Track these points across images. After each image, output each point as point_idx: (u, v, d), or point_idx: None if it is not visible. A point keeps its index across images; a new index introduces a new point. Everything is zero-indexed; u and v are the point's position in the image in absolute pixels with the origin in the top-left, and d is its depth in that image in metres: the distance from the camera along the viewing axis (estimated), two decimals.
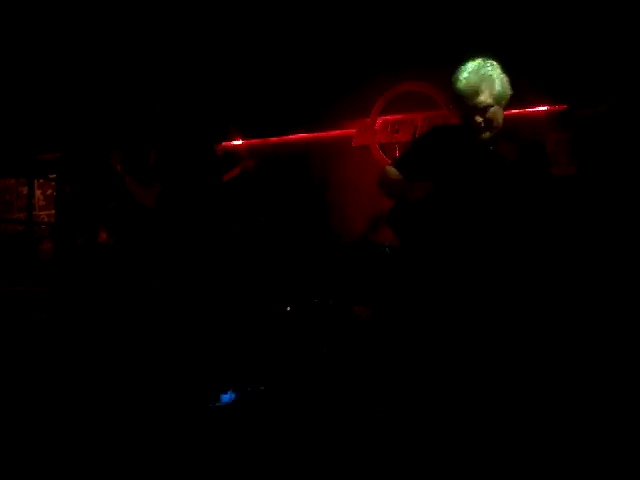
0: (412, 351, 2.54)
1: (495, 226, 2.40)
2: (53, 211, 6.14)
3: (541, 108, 3.86)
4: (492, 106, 2.38)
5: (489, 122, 2.40)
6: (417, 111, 4.44)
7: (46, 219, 6.38)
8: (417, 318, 2.51)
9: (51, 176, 6.22)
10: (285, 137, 4.89)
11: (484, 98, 2.36)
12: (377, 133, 4.54)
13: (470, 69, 2.40)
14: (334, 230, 4.43)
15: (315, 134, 4.77)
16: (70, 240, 3.42)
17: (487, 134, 2.42)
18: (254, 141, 4.97)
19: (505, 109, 2.51)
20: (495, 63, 2.44)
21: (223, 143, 5.01)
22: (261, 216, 4.21)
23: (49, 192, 6.36)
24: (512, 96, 2.43)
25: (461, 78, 2.39)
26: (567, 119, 2.35)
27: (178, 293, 3.13)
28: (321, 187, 4.67)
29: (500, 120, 2.43)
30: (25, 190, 6.33)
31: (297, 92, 4.77)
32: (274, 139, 4.93)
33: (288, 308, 3.86)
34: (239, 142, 4.96)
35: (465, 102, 2.39)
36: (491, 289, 2.40)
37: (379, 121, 4.54)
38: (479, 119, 2.38)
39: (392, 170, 2.63)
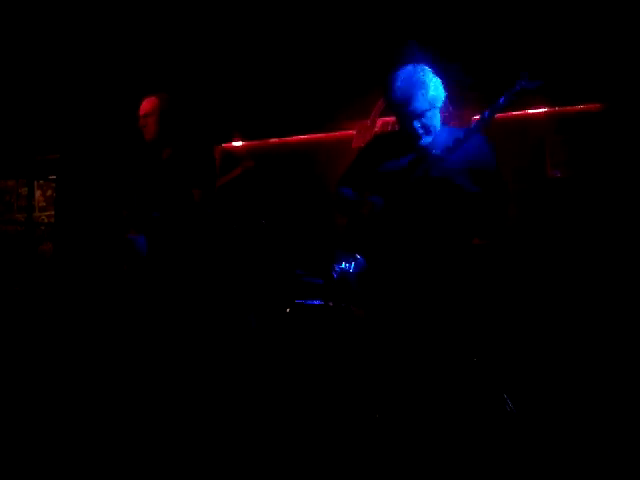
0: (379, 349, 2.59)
1: (441, 227, 2.43)
2: (53, 212, 6.15)
3: (540, 110, 3.86)
4: (429, 110, 2.40)
5: (427, 127, 2.42)
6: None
7: (46, 220, 6.38)
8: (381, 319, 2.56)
9: (51, 177, 6.24)
10: (285, 138, 4.89)
11: (420, 104, 2.38)
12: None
13: (402, 76, 2.42)
14: (334, 231, 4.43)
15: (315, 135, 4.77)
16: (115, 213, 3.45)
17: (428, 138, 2.45)
18: (254, 142, 4.98)
19: (507, 110, 2.53)
20: (426, 67, 2.46)
21: (223, 144, 5.03)
22: (261, 217, 4.21)
23: (49, 193, 6.36)
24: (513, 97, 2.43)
25: (395, 87, 2.41)
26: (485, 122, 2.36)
27: (178, 294, 3.12)
28: (321, 188, 4.67)
29: (438, 123, 2.46)
30: (25, 191, 6.35)
31: (297, 93, 4.78)
32: (274, 140, 4.93)
33: (288, 310, 3.86)
34: (239, 143, 4.97)
35: (401, 110, 2.42)
36: (441, 290, 2.44)
37: (379, 122, 4.55)
38: (417, 124, 2.41)
39: (344, 189, 2.69)
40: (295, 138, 4.84)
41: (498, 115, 2.41)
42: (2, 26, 4.96)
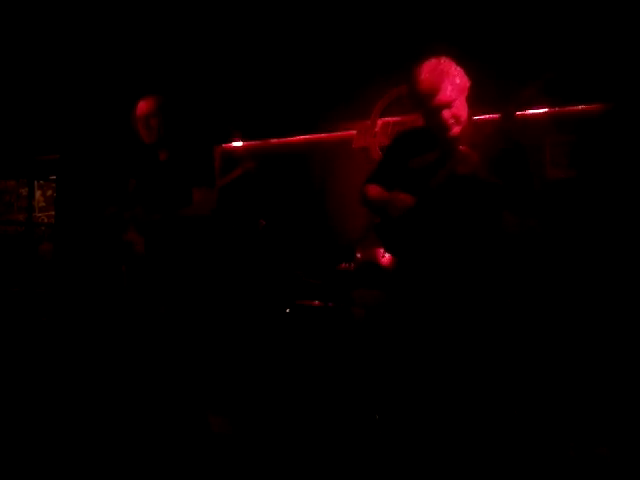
0: (403, 351, 2.56)
1: (475, 225, 2.42)
2: (53, 212, 6.16)
3: (540, 110, 3.86)
4: (456, 99, 2.39)
5: (457, 116, 2.41)
6: (417, 113, 4.43)
7: (46, 220, 6.39)
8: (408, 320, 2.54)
9: (51, 177, 6.24)
10: (285, 139, 4.89)
11: (448, 94, 2.37)
12: (377, 135, 4.54)
13: (427, 69, 2.41)
14: (334, 231, 4.43)
15: (315, 135, 4.77)
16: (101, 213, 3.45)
17: (457, 128, 2.44)
18: (254, 143, 4.98)
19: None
20: (448, 59, 2.44)
21: (224, 145, 5.03)
22: (261, 218, 4.22)
23: (49, 193, 6.37)
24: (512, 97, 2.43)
25: (420, 79, 2.40)
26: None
27: (178, 295, 3.12)
28: (321, 189, 4.67)
29: (466, 112, 2.45)
30: (25, 191, 6.36)
31: (297, 93, 4.77)
32: (274, 140, 4.93)
33: (287, 310, 3.86)
34: (239, 144, 4.97)
35: (429, 102, 2.40)
36: (476, 289, 2.42)
37: (379, 123, 4.54)
38: (447, 115, 2.40)
39: (371, 187, 2.67)
40: (295, 138, 4.84)
41: (497, 115, 2.40)
42: (3, 27, 4.96)
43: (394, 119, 4.49)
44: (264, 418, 3.41)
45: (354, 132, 4.62)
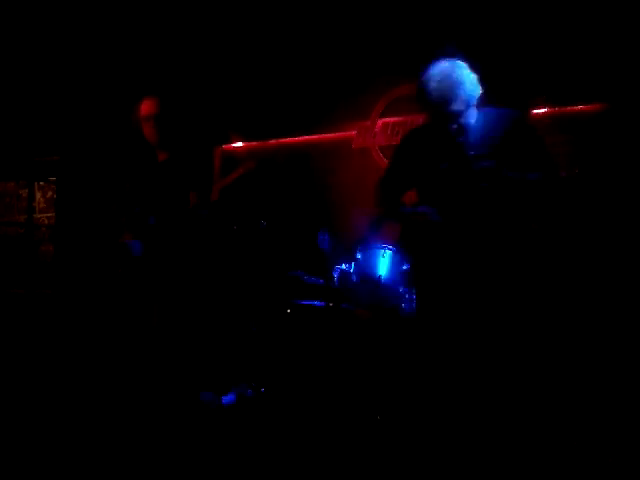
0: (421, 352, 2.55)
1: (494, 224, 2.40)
2: (53, 214, 6.15)
3: (540, 110, 3.86)
4: (466, 110, 2.31)
5: (464, 126, 2.34)
6: (417, 113, 4.43)
7: (46, 222, 6.38)
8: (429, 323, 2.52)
9: (51, 179, 6.24)
10: (285, 139, 4.89)
11: (457, 106, 2.28)
12: (377, 135, 4.55)
13: (439, 77, 2.28)
14: (335, 232, 4.43)
15: (315, 136, 4.77)
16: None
17: (464, 137, 2.37)
18: (254, 143, 4.98)
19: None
20: (462, 63, 2.33)
21: (224, 146, 5.03)
22: (261, 218, 4.21)
23: (49, 195, 6.36)
24: (512, 98, 2.42)
25: (431, 88, 2.28)
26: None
27: (178, 295, 3.12)
28: (321, 189, 4.67)
29: (473, 120, 2.36)
30: (25, 193, 6.35)
31: (297, 94, 4.78)
32: (274, 141, 4.93)
33: (288, 310, 3.86)
34: (239, 144, 4.97)
35: (438, 111, 2.31)
36: (498, 289, 2.40)
37: (379, 123, 4.55)
38: (454, 126, 2.33)
39: (387, 197, 2.64)
40: (295, 139, 4.84)
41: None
42: (3, 28, 4.96)
43: (394, 119, 4.50)
44: (264, 418, 3.42)
45: (354, 132, 4.63)
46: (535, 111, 3.83)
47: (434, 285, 2.49)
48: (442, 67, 2.31)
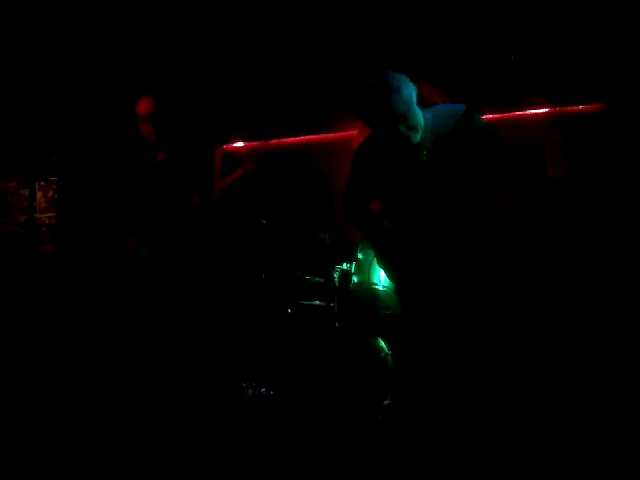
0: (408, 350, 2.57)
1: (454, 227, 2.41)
2: (54, 213, 6.16)
3: (540, 110, 3.87)
4: (409, 111, 2.35)
5: (412, 126, 2.38)
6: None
7: (47, 221, 6.37)
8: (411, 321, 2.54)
9: (52, 178, 6.24)
10: (286, 139, 4.89)
11: (400, 108, 2.32)
12: None
13: (374, 90, 2.34)
14: (335, 231, 4.43)
15: (316, 136, 4.78)
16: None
17: (416, 136, 2.40)
18: (255, 143, 4.98)
19: (506, 111, 2.51)
20: (389, 72, 2.38)
21: (225, 146, 5.04)
22: (262, 218, 4.22)
23: (50, 194, 6.36)
24: (511, 98, 2.43)
25: (370, 103, 2.34)
26: None
27: (179, 294, 3.13)
28: (321, 189, 4.67)
29: (420, 118, 2.40)
30: (26, 192, 6.35)
31: (298, 94, 4.78)
32: (275, 141, 4.94)
33: (289, 310, 3.87)
34: (240, 144, 4.97)
35: (383, 120, 2.36)
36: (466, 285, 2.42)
37: None
38: (403, 129, 2.37)
39: (352, 210, 2.68)
40: (295, 139, 4.84)
41: (498, 116, 2.39)
42: (3, 28, 4.96)
43: None
44: (265, 418, 3.42)
45: (354, 132, 4.63)
46: (535, 111, 3.84)
47: (411, 295, 2.52)
48: (374, 82, 2.37)
